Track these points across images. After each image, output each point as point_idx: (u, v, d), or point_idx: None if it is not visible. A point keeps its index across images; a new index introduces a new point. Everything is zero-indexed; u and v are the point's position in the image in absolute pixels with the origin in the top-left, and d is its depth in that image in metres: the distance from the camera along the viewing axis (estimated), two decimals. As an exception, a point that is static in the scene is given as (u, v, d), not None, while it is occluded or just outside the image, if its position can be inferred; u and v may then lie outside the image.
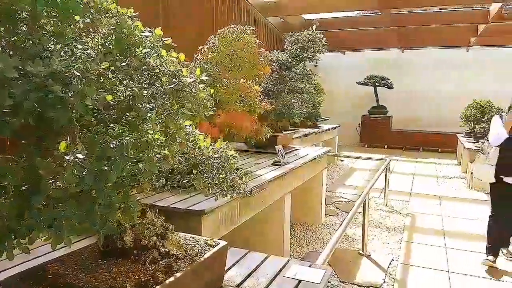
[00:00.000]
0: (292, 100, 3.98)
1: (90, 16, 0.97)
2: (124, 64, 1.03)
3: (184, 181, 1.22)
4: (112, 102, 0.97)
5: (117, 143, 0.92)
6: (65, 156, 0.82)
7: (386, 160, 5.40)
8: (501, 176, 3.27)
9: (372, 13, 8.64)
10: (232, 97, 2.32)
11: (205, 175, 1.26)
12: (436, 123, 11.27)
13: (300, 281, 1.52)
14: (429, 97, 11.62)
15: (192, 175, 1.26)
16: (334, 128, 8.95)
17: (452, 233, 4.26)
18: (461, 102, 8.19)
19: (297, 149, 4.41)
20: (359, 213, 3.93)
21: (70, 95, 0.83)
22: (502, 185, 3.29)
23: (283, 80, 3.89)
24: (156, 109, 0.90)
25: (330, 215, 4.92)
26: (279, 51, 3.99)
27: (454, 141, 9.17)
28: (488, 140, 3.50)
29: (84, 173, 0.82)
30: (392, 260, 3.51)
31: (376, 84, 11.42)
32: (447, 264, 3.39)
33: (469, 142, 7.13)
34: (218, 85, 2.37)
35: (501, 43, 9.98)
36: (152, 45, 1.01)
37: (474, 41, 9.63)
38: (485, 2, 6.89)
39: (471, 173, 3.37)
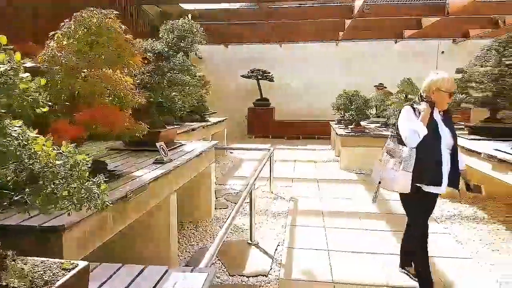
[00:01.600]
0: (173, 93, 3.77)
1: None
2: None
3: (16, 197, 0.97)
4: None
5: None
6: None
7: (270, 149, 5.61)
8: (419, 185, 2.61)
9: (251, 6, 8.86)
10: (95, 89, 2.03)
11: (49, 187, 1.02)
12: (313, 112, 12.27)
13: (179, 290, 1.40)
14: (305, 89, 12.58)
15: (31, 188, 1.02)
16: (222, 121, 8.98)
17: (329, 213, 4.65)
18: (333, 92, 9.03)
19: (182, 145, 4.24)
20: (246, 203, 3.97)
21: None
22: (420, 195, 2.65)
23: (161, 71, 3.65)
24: None
25: (220, 208, 4.89)
26: (154, 40, 3.73)
27: (328, 128, 10.12)
28: (394, 140, 2.76)
29: None
30: (278, 245, 3.65)
31: (259, 77, 11.86)
32: (326, 244, 3.67)
33: (340, 128, 7.93)
34: (78, 76, 2.05)
35: (365, 37, 11.29)
36: None
37: (342, 35, 10.68)
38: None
39: (379, 182, 2.78)
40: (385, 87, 9.48)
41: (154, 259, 3.17)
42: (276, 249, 3.55)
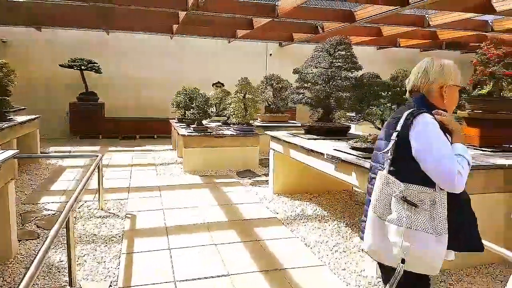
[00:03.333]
0: None
1: None
2: None
3: None
4: None
5: None
6: None
7: (98, 155, 4.57)
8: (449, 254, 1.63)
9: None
10: None
11: None
12: (150, 109, 11.31)
13: None
14: (140, 83, 11.43)
15: None
16: (34, 119, 7.17)
17: (175, 228, 4.03)
18: (171, 88, 8.40)
19: (-46, 159, 2.88)
20: (64, 229, 2.97)
21: None
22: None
23: None
24: None
25: (27, 240, 3.66)
26: None
27: (169, 127, 9.43)
28: (405, 176, 1.57)
29: None
30: (110, 286, 2.83)
31: (83, 68, 10.16)
32: (172, 272, 3.04)
33: (182, 128, 7.37)
34: None
35: (200, 33, 10.91)
36: None
37: (176, 29, 10.03)
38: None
39: (403, 260, 1.53)
40: (223, 85, 9.43)
41: None
42: (107, 292, 2.73)
